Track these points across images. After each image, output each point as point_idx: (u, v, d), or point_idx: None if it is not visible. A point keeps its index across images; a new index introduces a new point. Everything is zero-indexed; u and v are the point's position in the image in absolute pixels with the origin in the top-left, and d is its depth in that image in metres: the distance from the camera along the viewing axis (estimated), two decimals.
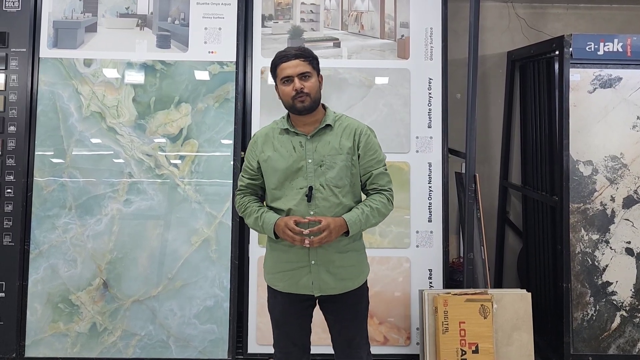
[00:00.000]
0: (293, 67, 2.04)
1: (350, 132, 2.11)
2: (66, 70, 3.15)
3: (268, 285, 2.19)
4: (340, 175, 2.06)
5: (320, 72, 2.15)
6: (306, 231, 1.98)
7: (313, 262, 2.06)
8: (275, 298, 2.17)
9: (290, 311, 2.15)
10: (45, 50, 3.15)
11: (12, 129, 3.09)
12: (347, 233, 2.05)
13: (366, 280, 2.20)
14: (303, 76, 2.05)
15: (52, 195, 3.09)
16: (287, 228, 1.99)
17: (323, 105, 2.16)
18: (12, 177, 3.07)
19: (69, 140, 3.12)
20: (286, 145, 2.09)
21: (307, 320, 2.18)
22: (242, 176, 2.19)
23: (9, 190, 3.06)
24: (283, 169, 2.06)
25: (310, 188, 2.03)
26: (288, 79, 2.05)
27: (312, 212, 2.03)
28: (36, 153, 3.10)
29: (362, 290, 2.18)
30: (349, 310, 2.14)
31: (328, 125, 2.11)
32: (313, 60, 2.10)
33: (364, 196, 2.19)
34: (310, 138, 2.09)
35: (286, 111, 2.15)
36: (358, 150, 2.10)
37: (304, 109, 2.05)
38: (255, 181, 2.17)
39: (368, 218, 2.05)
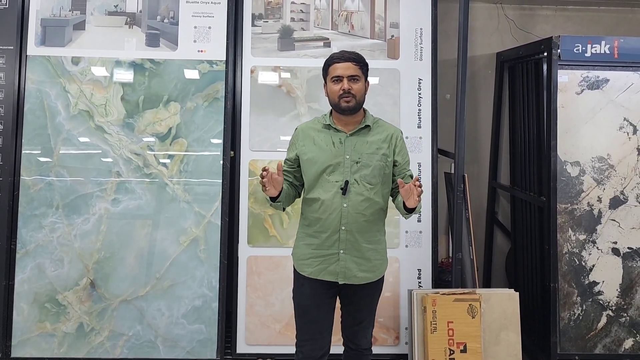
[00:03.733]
0: (344, 68, 2.18)
1: (387, 136, 2.26)
2: (54, 68, 3.12)
3: (295, 273, 2.31)
4: (374, 173, 2.20)
5: (368, 78, 2.27)
6: (266, 167, 2.09)
7: (342, 251, 2.20)
8: (303, 286, 2.28)
9: (316, 297, 2.25)
10: (32, 48, 3.12)
11: None
12: (409, 210, 2.16)
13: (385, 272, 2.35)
14: (352, 78, 2.18)
15: (39, 194, 3.06)
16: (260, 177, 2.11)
17: (363, 109, 2.28)
18: None
19: (56, 138, 3.09)
20: (326, 140, 2.23)
21: (331, 308, 2.29)
22: (284, 164, 2.33)
23: None
24: (321, 162, 2.20)
25: (347, 182, 2.17)
26: (338, 79, 2.18)
27: (345, 205, 2.17)
28: (23, 151, 3.07)
29: (381, 282, 2.34)
30: (366, 298, 2.29)
31: (367, 126, 2.25)
32: (364, 66, 2.23)
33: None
34: (349, 136, 2.22)
35: (324, 110, 2.29)
36: (395, 155, 2.26)
37: (348, 109, 2.18)
38: (290, 169, 2.32)
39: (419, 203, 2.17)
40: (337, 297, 2.32)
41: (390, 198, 2.33)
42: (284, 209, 2.33)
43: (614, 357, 3.09)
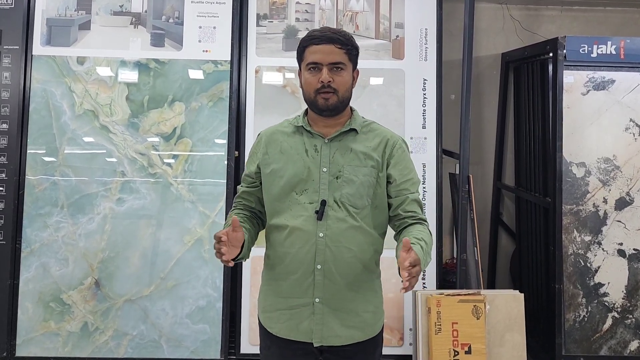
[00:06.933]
0: (325, 53, 1.61)
1: (379, 142, 1.71)
2: (59, 68, 3.13)
3: (261, 329, 1.75)
4: (361, 192, 1.65)
5: (357, 66, 1.74)
6: (223, 235, 1.51)
7: (317, 299, 1.64)
8: (270, 348, 1.72)
9: None
10: (38, 48, 3.13)
11: (4, 126, 3.06)
12: None
13: (382, 329, 1.79)
14: (335, 67, 1.63)
15: (44, 193, 3.07)
16: (215, 239, 1.52)
17: (351, 107, 1.76)
18: (4, 175, 3.04)
19: (61, 138, 3.10)
20: (297, 147, 1.69)
21: None
22: (241, 184, 1.81)
23: (0, 189, 3.04)
24: (290, 175, 1.66)
25: (323, 202, 1.62)
26: (315, 66, 1.63)
27: (321, 235, 1.62)
28: (28, 151, 3.07)
29: (377, 342, 1.76)
30: None
31: (353, 130, 1.71)
32: (352, 50, 1.67)
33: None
34: (328, 142, 1.68)
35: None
36: (387, 167, 1.69)
37: (327, 109, 1.64)
38: (251, 188, 1.77)
39: (426, 259, 1.60)
40: None
41: (392, 230, 1.78)
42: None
43: (619, 359, 3.07)
